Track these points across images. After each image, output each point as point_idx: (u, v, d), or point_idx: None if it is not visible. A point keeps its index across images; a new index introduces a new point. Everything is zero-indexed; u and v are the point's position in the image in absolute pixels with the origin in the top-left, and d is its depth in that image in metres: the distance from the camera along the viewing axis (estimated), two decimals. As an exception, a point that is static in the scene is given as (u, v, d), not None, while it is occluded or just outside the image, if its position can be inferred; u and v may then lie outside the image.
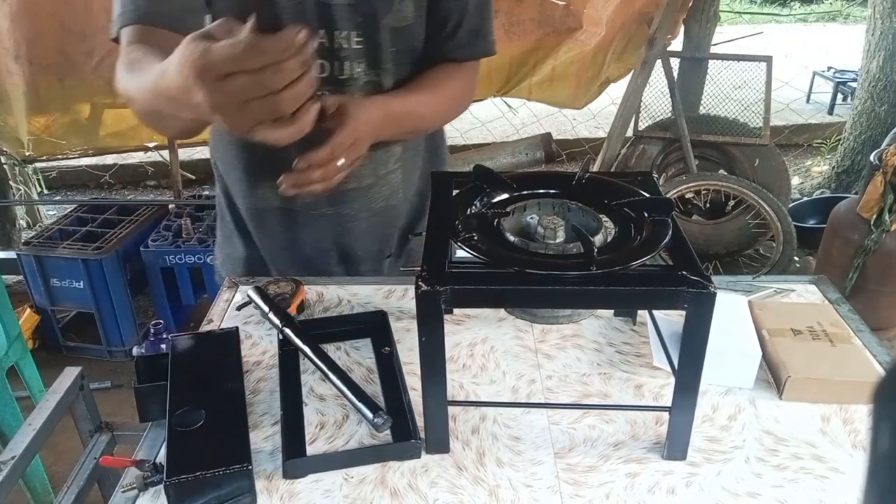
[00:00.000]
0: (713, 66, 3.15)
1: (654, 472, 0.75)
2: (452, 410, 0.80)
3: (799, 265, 3.08)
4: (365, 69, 1.00)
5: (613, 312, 1.00)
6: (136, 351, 0.95)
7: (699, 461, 0.76)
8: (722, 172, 3.07)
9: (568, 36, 3.07)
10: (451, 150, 1.61)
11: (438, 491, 0.73)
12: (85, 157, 3.31)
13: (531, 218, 0.78)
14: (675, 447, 0.75)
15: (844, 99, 5.01)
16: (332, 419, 0.82)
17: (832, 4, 8.42)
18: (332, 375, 0.81)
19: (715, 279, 0.68)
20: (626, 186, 0.81)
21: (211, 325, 1.00)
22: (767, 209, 2.84)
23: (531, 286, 0.66)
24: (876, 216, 2.29)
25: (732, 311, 0.93)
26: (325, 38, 0.97)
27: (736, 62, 3.06)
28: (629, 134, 3.15)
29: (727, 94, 3.12)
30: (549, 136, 3.39)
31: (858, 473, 0.75)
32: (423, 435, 0.77)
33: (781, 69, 3.26)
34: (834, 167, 3.85)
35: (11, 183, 3.26)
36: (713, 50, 3.22)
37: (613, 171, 3.05)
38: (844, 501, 0.72)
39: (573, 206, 0.80)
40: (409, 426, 0.78)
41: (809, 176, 4.21)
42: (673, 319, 0.91)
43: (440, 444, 0.77)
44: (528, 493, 0.72)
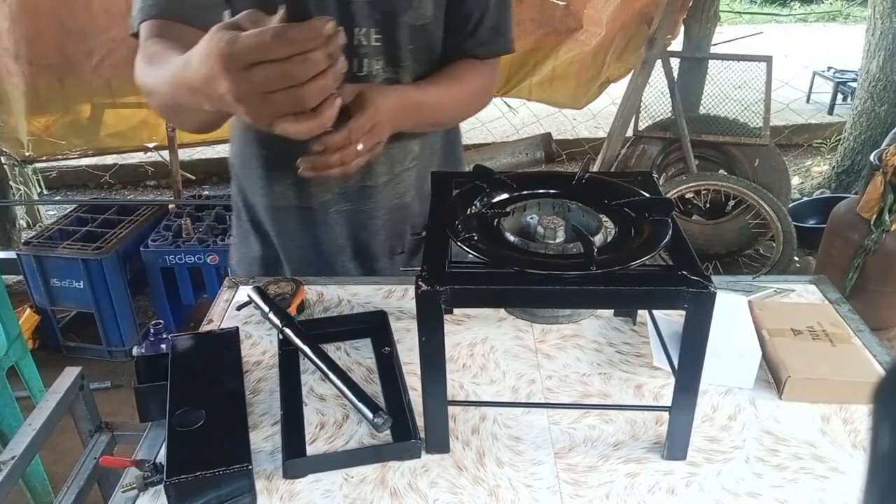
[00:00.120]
0: (713, 66, 3.15)
1: (654, 472, 0.75)
2: (452, 410, 0.80)
3: (799, 265, 3.08)
4: (383, 66, 1.01)
5: (613, 312, 1.00)
6: (136, 351, 0.95)
7: (699, 461, 0.76)
8: (722, 172, 3.07)
9: (568, 36, 3.07)
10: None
11: (438, 491, 0.73)
12: (85, 157, 3.31)
13: (531, 218, 0.78)
14: (675, 447, 0.75)
15: (844, 99, 5.01)
16: (332, 419, 0.82)
17: (832, 4, 8.42)
18: (332, 375, 0.81)
19: (715, 279, 0.68)
20: (626, 186, 0.81)
21: (211, 325, 1.00)
22: (767, 209, 2.84)
23: (531, 286, 0.66)
24: (876, 216, 2.29)
25: (732, 311, 0.93)
26: (344, 34, 0.98)
27: (736, 62, 3.06)
28: (629, 134, 3.15)
29: (727, 94, 3.12)
30: (549, 136, 3.39)
31: (858, 473, 0.75)
32: (423, 435, 0.77)
33: (781, 69, 3.26)
34: (834, 167, 3.85)
35: (11, 183, 3.26)
36: (713, 50, 3.22)
37: (613, 171, 3.05)
38: (844, 501, 0.71)
39: (573, 206, 0.80)
40: (409, 426, 0.78)
41: (809, 176, 4.21)
42: (673, 319, 0.91)
43: (440, 444, 0.77)
44: (528, 493, 0.72)
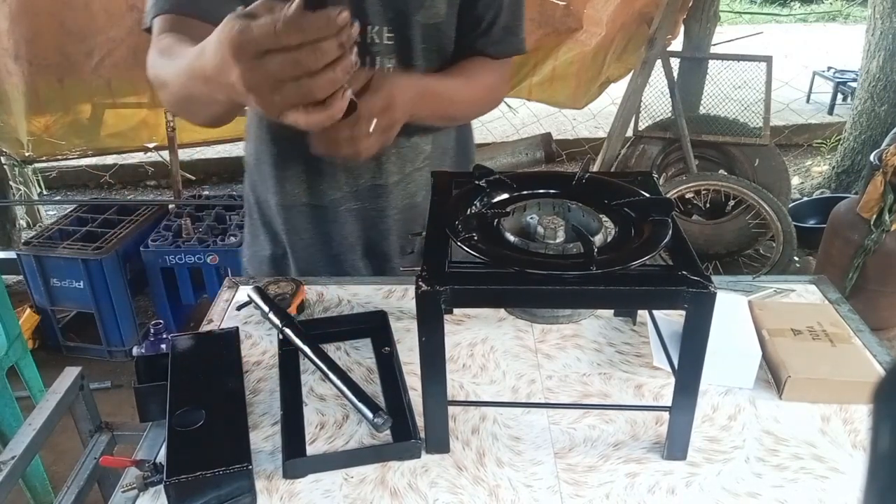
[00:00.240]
0: (713, 66, 3.15)
1: (654, 472, 0.75)
2: (452, 410, 0.80)
3: (799, 265, 3.08)
4: (396, 65, 1.01)
5: (613, 312, 1.00)
6: (136, 351, 0.95)
7: (699, 461, 0.76)
8: (722, 172, 3.07)
9: (568, 36, 3.07)
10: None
11: (438, 491, 0.73)
12: (85, 157, 3.31)
13: (531, 218, 0.78)
14: (675, 447, 0.75)
15: (844, 99, 5.01)
16: (332, 419, 0.82)
17: (832, 4, 8.42)
18: (332, 375, 0.81)
19: (715, 279, 0.68)
20: (626, 186, 0.81)
21: (211, 325, 1.00)
22: (767, 209, 2.84)
23: (531, 286, 0.66)
24: (876, 216, 2.29)
25: (732, 311, 0.93)
26: (358, 26, 0.98)
27: (736, 62, 3.06)
28: (629, 134, 3.15)
29: (727, 94, 3.12)
30: (549, 136, 3.39)
31: (858, 473, 0.74)
32: (423, 435, 0.77)
33: (781, 69, 3.26)
34: (834, 167, 3.85)
35: (11, 183, 3.26)
36: (713, 50, 3.22)
37: (613, 171, 3.05)
38: (844, 501, 0.71)
39: (573, 206, 0.80)
40: (409, 426, 0.78)
41: (809, 176, 4.21)
42: (673, 319, 0.91)
43: (440, 444, 0.77)
44: (528, 493, 0.72)
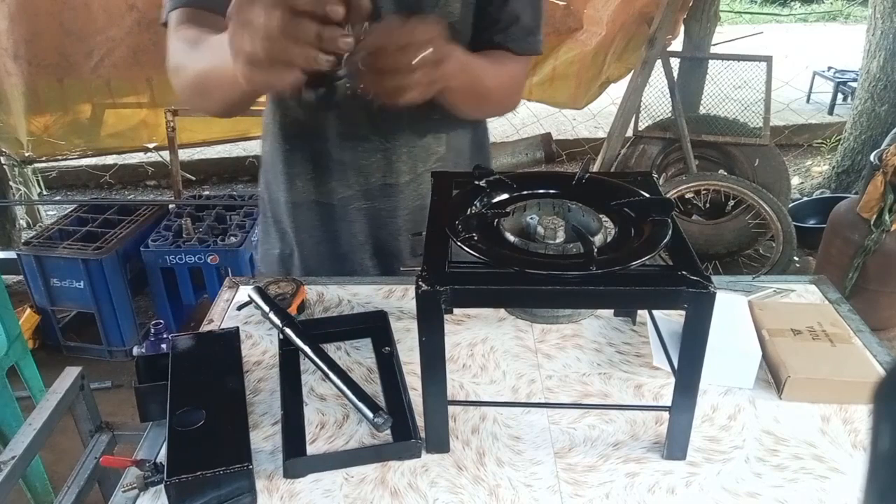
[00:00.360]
0: (713, 66, 3.15)
1: (653, 471, 0.75)
2: (452, 410, 0.80)
3: (799, 265, 3.08)
4: None
5: (613, 312, 1.00)
6: (136, 351, 0.95)
7: (699, 461, 0.76)
8: (722, 172, 3.07)
9: (568, 36, 3.07)
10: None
11: (438, 491, 0.73)
12: (85, 157, 3.32)
13: (531, 218, 0.78)
14: (674, 447, 0.75)
15: (844, 99, 5.01)
16: (332, 419, 0.82)
17: (832, 4, 8.42)
18: (332, 375, 0.81)
19: (715, 279, 0.68)
20: (626, 186, 0.81)
21: (211, 325, 1.00)
22: (767, 209, 2.84)
23: (531, 286, 0.66)
24: (876, 216, 2.29)
25: (732, 311, 0.93)
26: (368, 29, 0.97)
27: (736, 62, 3.06)
28: (629, 134, 3.15)
29: (727, 94, 3.13)
30: (549, 136, 3.39)
31: (858, 473, 0.75)
32: (423, 435, 0.77)
33: (781, 69, 3.26)
34: (834, 167, 3.85)
35: (11, 183, 3.26)
36: (713, 50, 3.22)
37: (613, 171, 3.05)
38: (844, 501, 0.71)
39: (573, 206, 0.80)
40: (409, 426, 0.78)
41: (809, 176, 4.21)
42: (673, 319, 0.91)
43: (440, 443, 0.77)
44: (528, 492, 0.72)
